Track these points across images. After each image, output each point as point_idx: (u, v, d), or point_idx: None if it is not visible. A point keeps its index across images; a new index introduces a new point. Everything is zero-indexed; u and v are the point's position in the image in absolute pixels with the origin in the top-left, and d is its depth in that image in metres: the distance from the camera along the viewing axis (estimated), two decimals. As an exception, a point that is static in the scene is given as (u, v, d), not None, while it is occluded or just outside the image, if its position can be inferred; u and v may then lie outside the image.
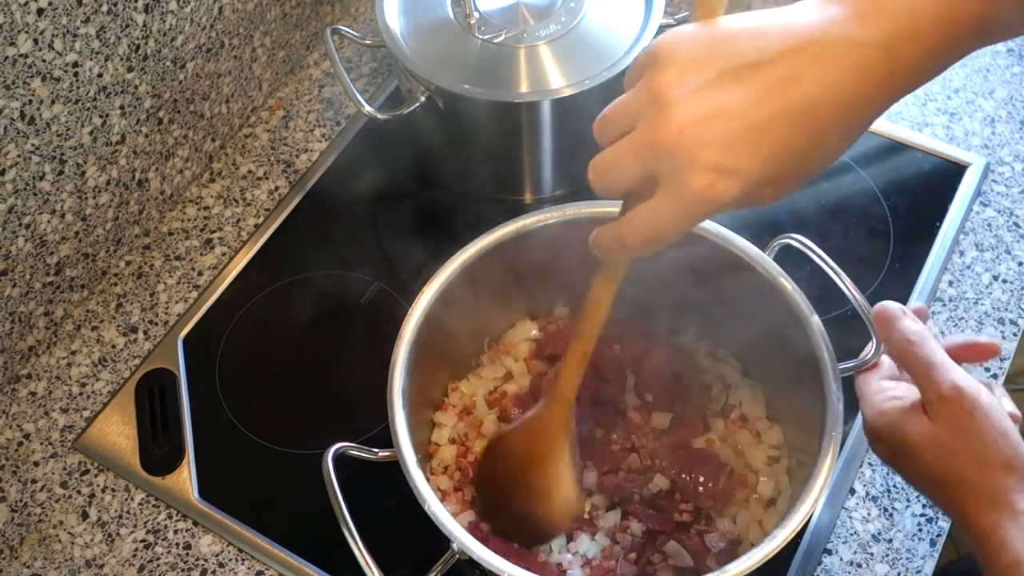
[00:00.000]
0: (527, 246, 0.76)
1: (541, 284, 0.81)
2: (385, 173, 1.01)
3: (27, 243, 0.83)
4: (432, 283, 0.73)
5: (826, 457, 0.64)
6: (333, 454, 0.66)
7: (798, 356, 0.70)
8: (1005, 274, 0.91)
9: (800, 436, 0.72)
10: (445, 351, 0.78)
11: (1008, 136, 1.00)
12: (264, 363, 0.89)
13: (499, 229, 0.75)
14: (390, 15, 0.90)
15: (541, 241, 0.76)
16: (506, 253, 0.75)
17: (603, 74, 0.85)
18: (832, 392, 0.66)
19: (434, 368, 0.78)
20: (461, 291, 0.74)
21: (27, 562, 0.79)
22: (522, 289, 0.81)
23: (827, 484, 0.63)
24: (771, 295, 0.72)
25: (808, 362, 0.69)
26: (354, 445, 0.68)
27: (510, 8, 0.89)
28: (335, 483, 0.65)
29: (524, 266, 0.77)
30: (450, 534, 0.63)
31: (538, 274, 0.79)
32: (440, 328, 0.73)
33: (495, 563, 0.61)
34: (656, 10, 0.88)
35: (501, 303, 0.81)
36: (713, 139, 0.48)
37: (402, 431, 0.66)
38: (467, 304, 0.75)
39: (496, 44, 0.88)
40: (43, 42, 0.76)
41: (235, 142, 1.03)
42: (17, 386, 0.88)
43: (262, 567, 0.78)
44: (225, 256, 0.95)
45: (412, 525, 0.66)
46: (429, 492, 0.64)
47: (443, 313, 0.73)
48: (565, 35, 0.88)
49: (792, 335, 0.70)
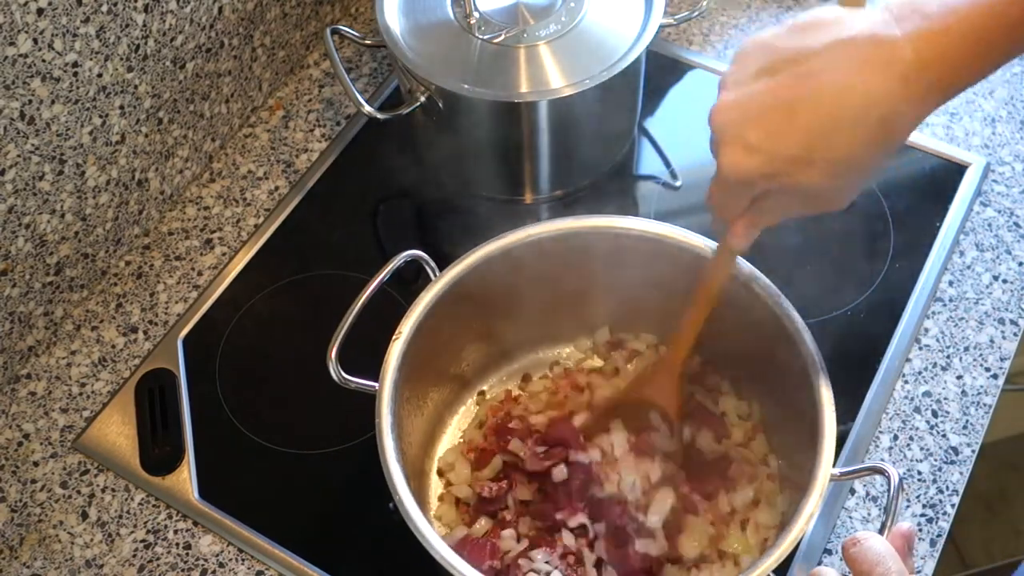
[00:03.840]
0: (518, 258, 0.75)
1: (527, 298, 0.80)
2: (385, 173, 1.01)
3: (27, 243, 0.83)
4: (418, 302, 0.72)
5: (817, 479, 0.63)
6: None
7: (788, 368, 0.69)
8: (1005, 274, 0.91)
9: (789, 441, 0.72)
10: (439, 360, 0.78)
11: (1008, 136, 1.00)
12: (264, 363, 0.89)
13: (507, 235, 0.75)
14: (390, 15, 0.90)
15: (532, 254, 0.76)
16: (496, 267, 0.75)
17: (603, 74, 0.85)
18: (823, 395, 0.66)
19: (428, 372, 0.78)
20: (453, 304, 0.74)
21: (27, 562, 0.79)
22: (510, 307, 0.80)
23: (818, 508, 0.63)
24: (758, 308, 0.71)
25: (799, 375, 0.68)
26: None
27: (510, 8, 0.89)
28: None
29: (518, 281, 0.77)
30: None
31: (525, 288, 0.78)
32: (434, 335, 0.73)
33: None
34: (656, 10, 0.88)
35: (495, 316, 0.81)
36: (737, 119, 0.56)
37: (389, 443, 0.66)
38: (459, 318, 0.75)
39: (496, 44, 0.88)
40: (43, 42, 0.76)
41: (235, 142, 1.03)
42: (17, 386, 0.88)
43: (262, 567, 0.78)
44: (225, 256, 0.95)
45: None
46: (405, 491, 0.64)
47: (432, 330, 0.73)
48: (565, 35, 0.88)
49: (782, 348, 0.70)
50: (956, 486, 0.80)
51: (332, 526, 0.80)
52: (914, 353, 0.86)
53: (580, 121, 0.90)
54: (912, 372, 0.85)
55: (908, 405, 0.84)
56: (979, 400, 0.84)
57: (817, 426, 0.65)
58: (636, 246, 0.75)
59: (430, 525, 0.63)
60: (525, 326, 0.82)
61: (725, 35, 1.09)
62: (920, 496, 0.79)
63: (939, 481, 0.80)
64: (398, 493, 0.64)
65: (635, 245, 0.75)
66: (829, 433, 0.65)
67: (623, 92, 0.94)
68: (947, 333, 0.87)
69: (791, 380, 0.69)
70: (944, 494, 0.79)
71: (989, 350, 0.86)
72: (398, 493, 0.64)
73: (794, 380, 0.68)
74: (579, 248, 0.76)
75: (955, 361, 0.86)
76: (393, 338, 0.70)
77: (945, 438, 0.82)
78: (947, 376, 0.85)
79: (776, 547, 0.61)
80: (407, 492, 0.64)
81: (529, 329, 0.82)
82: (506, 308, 0.79)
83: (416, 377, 0.72)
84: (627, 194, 0.98)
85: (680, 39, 1.09)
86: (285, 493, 0.82)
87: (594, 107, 0.89)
